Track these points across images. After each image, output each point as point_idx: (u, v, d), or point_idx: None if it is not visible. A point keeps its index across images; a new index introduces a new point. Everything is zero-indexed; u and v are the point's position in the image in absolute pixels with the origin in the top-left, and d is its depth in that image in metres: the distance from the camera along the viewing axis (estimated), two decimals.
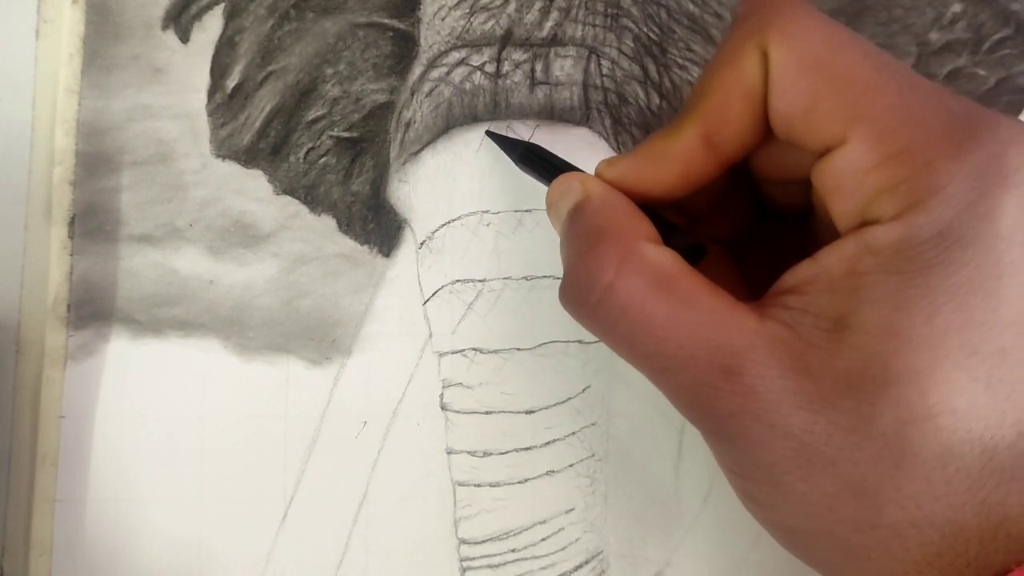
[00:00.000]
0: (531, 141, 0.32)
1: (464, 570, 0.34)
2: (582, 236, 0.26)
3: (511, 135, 0.34)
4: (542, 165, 0.30)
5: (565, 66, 0.35)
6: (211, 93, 0.36)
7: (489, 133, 0.30)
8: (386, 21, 0.36)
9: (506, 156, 0.33)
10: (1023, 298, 0.22)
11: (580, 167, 0.30)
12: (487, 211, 0.35)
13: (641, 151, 0.28)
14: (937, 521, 0.22)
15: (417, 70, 0.36)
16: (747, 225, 0.31)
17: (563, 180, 0.28)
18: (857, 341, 0.22)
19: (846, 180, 0.24)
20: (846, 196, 0.24)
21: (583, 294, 0.25)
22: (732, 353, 0.23)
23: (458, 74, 0.35)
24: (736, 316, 0.24)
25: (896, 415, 0.22)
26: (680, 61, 0.36)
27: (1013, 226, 0.22)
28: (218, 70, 0.36)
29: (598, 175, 0.28)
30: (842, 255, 0.23)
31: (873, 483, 0.22)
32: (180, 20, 0.36)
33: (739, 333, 0.24)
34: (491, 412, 0.34)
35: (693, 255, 0.27)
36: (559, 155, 0.31)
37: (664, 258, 0.25)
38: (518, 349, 0.34)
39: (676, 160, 0.27)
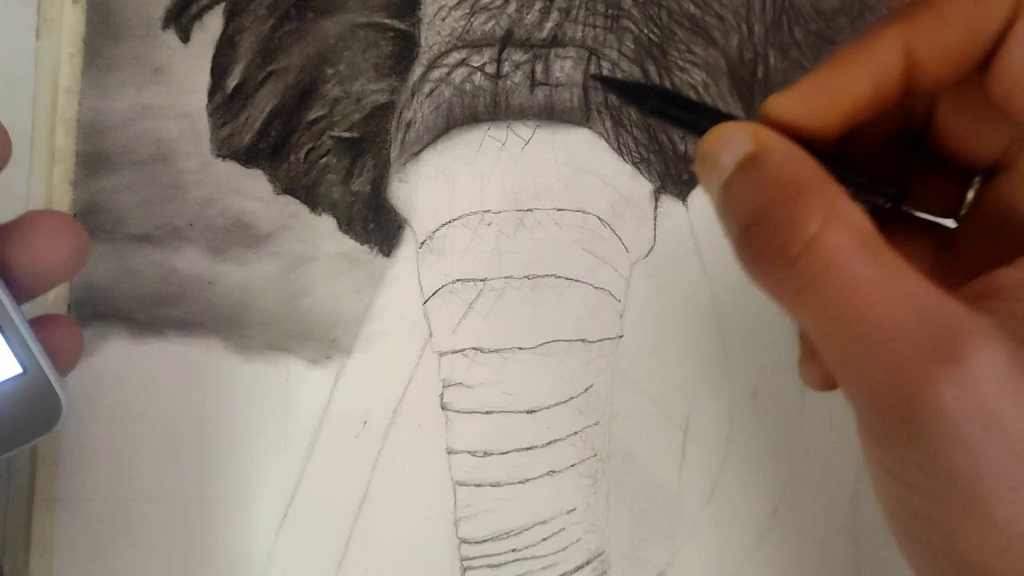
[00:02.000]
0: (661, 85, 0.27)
1: (464, 570, 0.33)
2: (773, 185, 0.23)
3: (513, 135, 0.34)
4: (678, 113, 0.26)
5: (565, 67, 0.35)
6: (211, 93, 0.36)
7: (597, 77, 0.26)
8: (386, 21, 0.36)
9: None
10: None
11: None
12: (488, 211, 0.35)
13: (824, 66, 0.24)
14: None
15: (418, 70, 0.36)
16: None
17: (727, 129, 0.24)
18: None
19: None
20: None
21: (782, 245, 0.22)
22: (951, 333, 0.20)
23: (458, 75, 0.35)
24: (947, 295, 0.20)
25: None
26: (681, 63, 0.36)
27: None
28: (218, 70, 0.36)
29: (765, 113, 0.24)
30: None
31: None
32: (180, 20, 0.36)
33: (955, 313, 0.20)
34: (492, 412, 0.34)
35: (894, 204, 0.25)
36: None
37: (866, 220, 0.22)
38: (519, 348, 0.34)
39: (867, 72, 0.23)
